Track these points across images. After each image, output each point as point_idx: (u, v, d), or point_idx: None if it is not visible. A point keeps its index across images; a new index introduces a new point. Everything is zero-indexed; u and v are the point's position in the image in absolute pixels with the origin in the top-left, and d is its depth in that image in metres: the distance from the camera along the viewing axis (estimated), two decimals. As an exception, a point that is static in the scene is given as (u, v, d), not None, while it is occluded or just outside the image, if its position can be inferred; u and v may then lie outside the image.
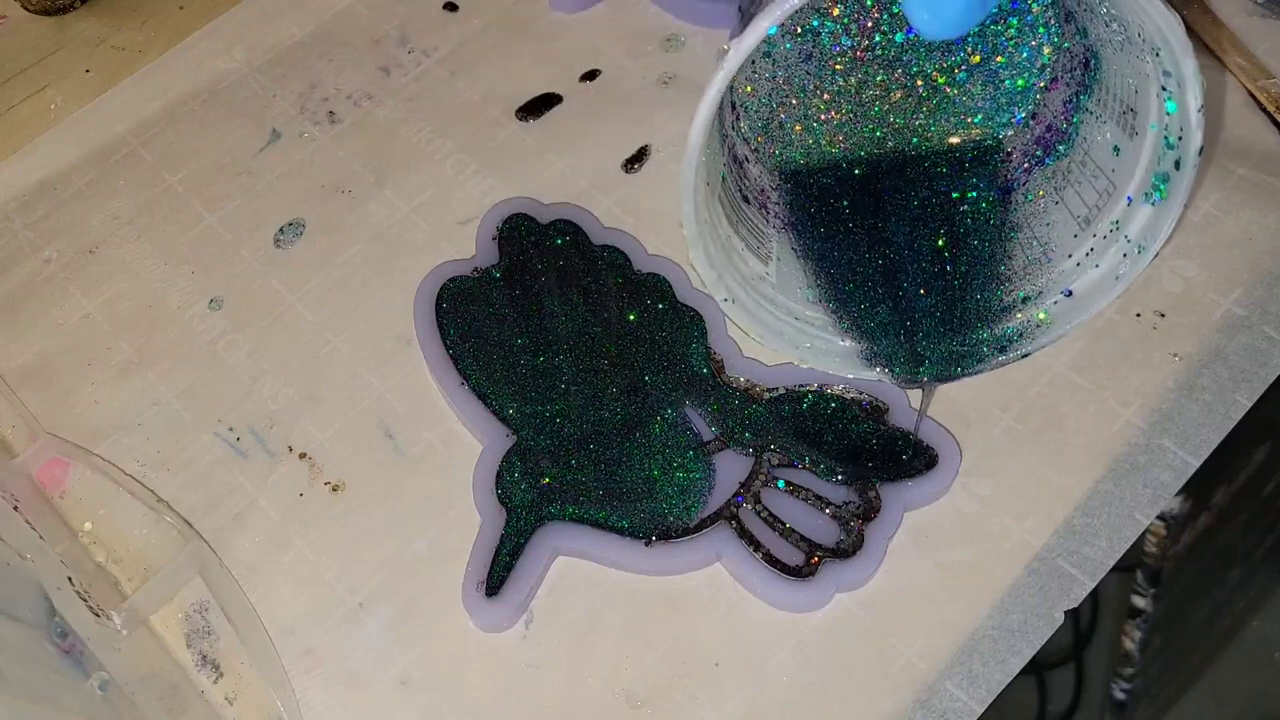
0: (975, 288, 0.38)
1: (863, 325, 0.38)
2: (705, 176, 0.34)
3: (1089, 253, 0.37)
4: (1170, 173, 0.34)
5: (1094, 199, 0.37)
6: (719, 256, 0.36)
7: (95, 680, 0.36)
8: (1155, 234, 0.35)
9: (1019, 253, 0.38)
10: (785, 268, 0.39)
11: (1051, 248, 0.38)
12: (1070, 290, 0.37)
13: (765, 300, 0.38)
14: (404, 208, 0.45)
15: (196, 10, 0.52)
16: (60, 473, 0.40)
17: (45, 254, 0.46)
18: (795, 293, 0.39)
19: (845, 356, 0.38)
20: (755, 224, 0.39)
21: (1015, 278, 0.38)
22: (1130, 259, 0.36)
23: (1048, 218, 0.38)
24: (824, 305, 0.39)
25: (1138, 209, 0.36)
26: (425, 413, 0.41)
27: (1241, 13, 0.46)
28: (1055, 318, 0.38)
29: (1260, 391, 0.39)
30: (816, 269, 0.39)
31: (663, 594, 0.37)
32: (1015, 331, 0.38)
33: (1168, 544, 0.50)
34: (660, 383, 0.39)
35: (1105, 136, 0.36)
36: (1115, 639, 0.59)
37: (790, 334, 0.38)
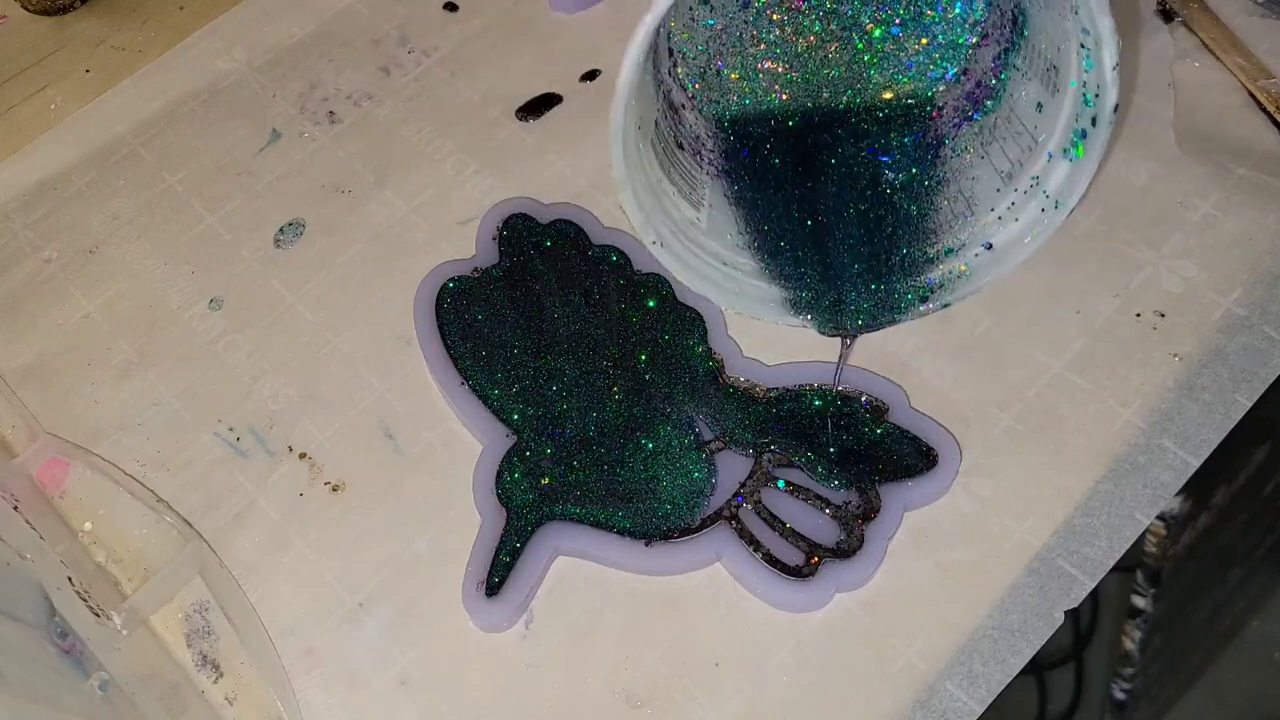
0: (901, 239, 0.39)
1: (791, 273, 0.39)
2: (637, 120, 0.35)
3: (1010, 207, 0.38)
4: (1088, 129, 0.35)
5: (1017, 154, 0.37)
6: (649, 200, 0.36)
7: (95, 680, 0.36)
8: (1072, 190, 0.36)
9: (945, 206, 0.39)
10: (717, 214, 0.39)
11: (975, 202, 0.38)
12: (990, 243, 0.38)
13: (694, 245, 0.38)
14: (404, 208, 0.45)
15: (196, 10, 0.52)
16: (60, 473, 0.40)
17: (45, 254, 0.46)
18: (725, 238, 0.39)
19: (772, 303, 0.39)
20: (689, 170, 0.39)
21: (940, 231, 0.39)
22: (1048, 214, 0.37)
23: (973, 173, 0.39)
24: (753, 252, 0.39)
25: (1057, 165, 0.36)
26: (425, 413, 0.41)
27: (1241, 13, 0.46)
28: (975, 270, 0.38)
29: (1260, 391, 0.39)
30: (748, 216, 0.39)
31: (663, 594, 0.37)
32: (937, 282, 0.38)
33: (1168, 544, 0.50)
34: (661, 383, 0.39)
35: (1030, 93, 0.37)
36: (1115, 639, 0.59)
37: (717, 279, 0.38)
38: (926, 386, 0.40)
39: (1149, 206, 0.43)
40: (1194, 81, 0.45)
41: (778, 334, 0.41)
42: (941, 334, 0.41)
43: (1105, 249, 0.42)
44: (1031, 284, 0.41)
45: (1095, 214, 0.43)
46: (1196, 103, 0.45)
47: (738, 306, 0.38)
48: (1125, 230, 0.42)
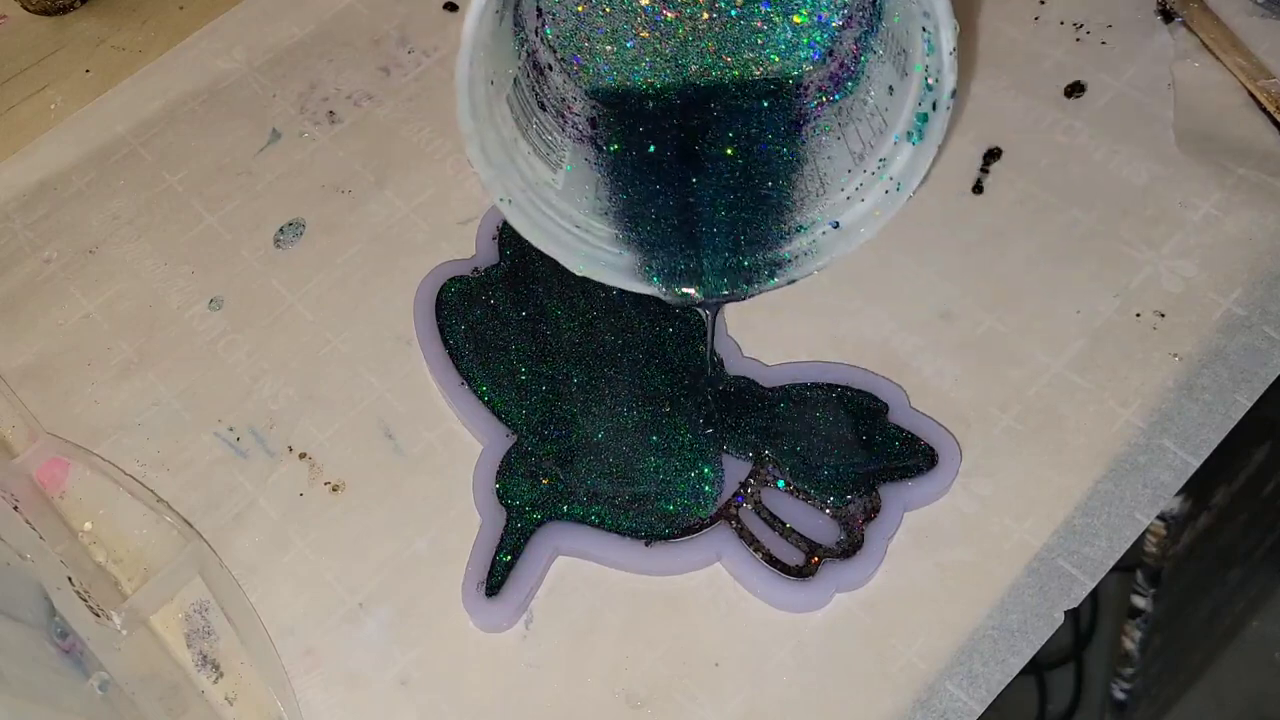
0: (760, 215, 0.39)
1: (648, 240, 0.39)
2: (488, 74, 0.35)
3: (858, 187, 0.38)
4: (929, 114, 0.35)
5: (869, 136, 0.38)
6: (500, 157, 0.36)
7: (95, 680, 0.36)
8: (913, 172, 0.36)
9: (800, 184, 0.39)
10: (575, 177, 0.39)
11: (828, 180, 0.39)
12: (838, 222, 0.38)
13: (547, 206, 0.38)
14: (404, 208, 0.45)
15: (196, 10, 0.52)
16: (60, 473, 0.40)
17: (45, 254, 0.46)
18: (581, 202, 0.39)
19: (623, 269, 0.38)
20: (549, 131, 0.39)
21: (794, 208, 0.39)
22: (891, 195, 0.37)
23: (828, 152, 0.39)
24: (612, 218, 0.39)
25: (902, 148, 0.36)
26: (425, 413, 0.41)
27: (1241, 12, 0.46)
28: (822, 247, 0.38)
29: (1260, 391, 0.39)
30: (611, 183, 0.39)
31: (663, 594, 0.37)
32: (787, 257, 0.38)
33: (1168, 544, 0.50)
34: (661, 383, 0.39)
35: (884, 76, 0.37)
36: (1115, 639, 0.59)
37: (569, 241, 0.38)
38: (926, 386, 0.40)
39: (1149, 206, 0.43)
40: (1194, 81, 0.45)
41: (778, 334, 0.41)
42: (942, 334, 0.41)
43: (1105, 249, 0.42)
44: (1032, 284, 0.41)
45: (1095, 214, 0.43)
46: (1197, 103, 0.45)
47: (589, 270, 0.38)
48: (1125, 230, 0.42)
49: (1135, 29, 0.47)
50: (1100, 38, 0.47)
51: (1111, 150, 0.44)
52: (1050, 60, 0.46)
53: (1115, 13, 0.47)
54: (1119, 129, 0.44)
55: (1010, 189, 0.44)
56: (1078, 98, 0.45)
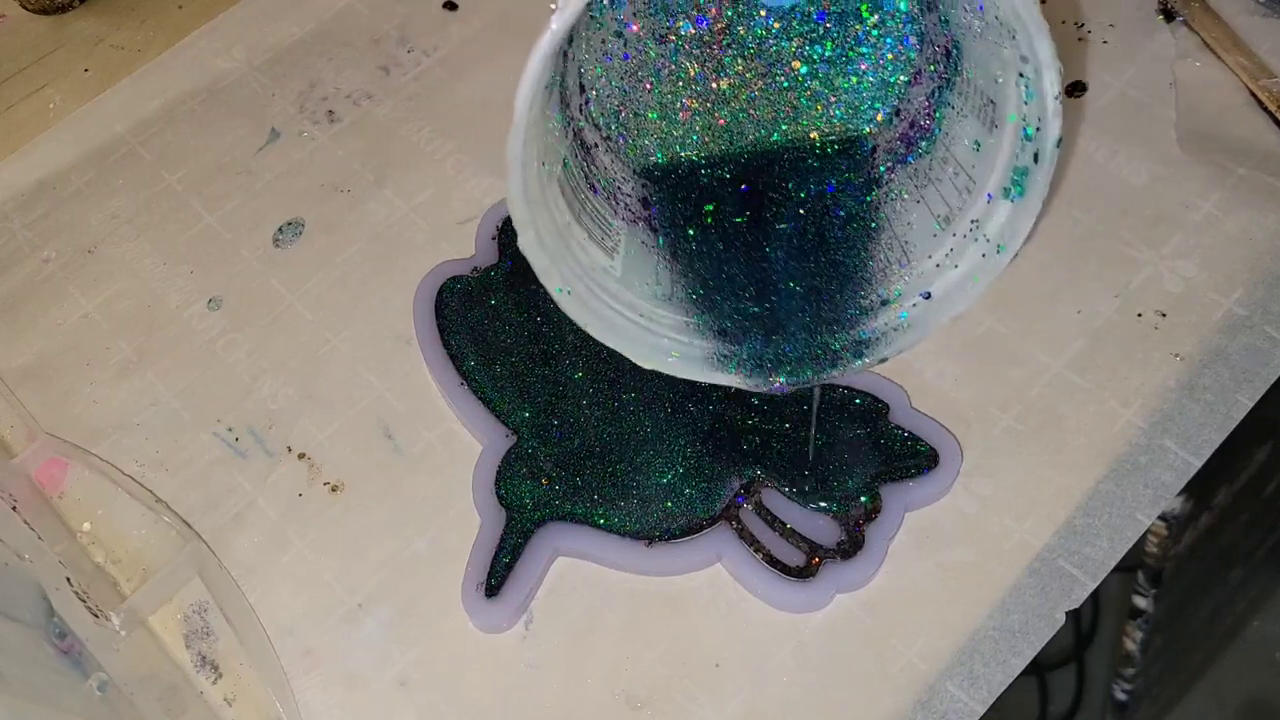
0: (835, 290, 0.37)
1: (721, 326, 0.36)
2: (539, 155, 0.33)
3: (948, 253, 0.36)
4: (1029, 167, 0.33)
5: (955, 197, 0.35)
6: (554, 243, 0.34)
7: (94, 681, 0.36)
8: (1014, 232, 0.34)
9: (879, 254, 0.37)
10: (633, 262, 0.37)
11: (911, 248, 0.36)
12: (929, 292, 0.36)
13: (606, 294, 0.36)
14: (403, 207, 0.45)
15: (196, 9, 0.52)
16: (59, 473, 0.40)
17: (44, 253, 0.45)
18: (643, 289, 0.37)
19: (695, 360, 0.36)
20: (601, 214, 0.37)
21: (875, 280, 0.37)
22: (989, 259, 0.35)
23: (908, 217, 0.37)
24: (676, 304, 0.37)
25: (997, 206, 0.34)
26: (425, 413, 0.41)
27: (1243, 12, 0.46)
28: (914, 321, 0.36)
29: (1262, 391, 0.39)
30: (672, 266, 0.37)
31: (663, 594, 0.37)
32: (873, 335, 0.36)
33: (1169, 544, 0.50)
34: (661, 383, 0.39)
35: (967, 131, 0.35)
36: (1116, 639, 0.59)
37: (633, 332, 0.36)
38: (927, 386, 0.39)
39: (1150, 206, 0.42)
40: (1195, 81, 0.45)
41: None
42: (943, 334, 0.40)
43: (1106, 249, 0.42)
44: (1032, 284, 0.41)
45: (1096, 214, 0.42)
46: (1198, 102, 0.45)
47: (653, 362, 0.36)
48: (1126, 230, 0.42)
49: (1136, 28, 0.47)
50: (1101, 37, 0.47)
51: (1112, 150, 0.44)
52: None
53: (1116, 12, 0.47)
54: (1120, 129, 0.44)
55: (1011, 188, 0.43)
56: (1078, 97, 0.45)
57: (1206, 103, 0.45)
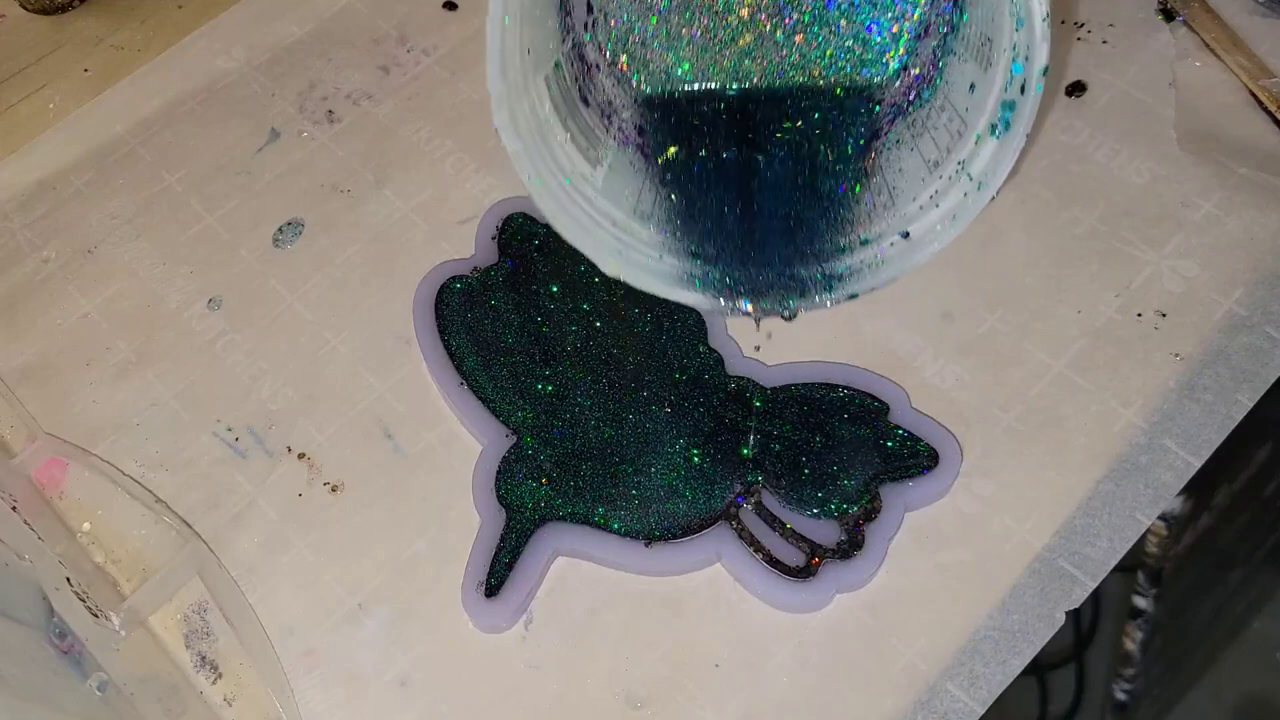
0: (817, 226, 0.36)
1: (700, 249, 0.36)
2: (525, 42, 0.32)
3: (933, 195, 0.35)
4: (1015, 100, 0.32)
5: (947, 141, 0.35)
6: (531, 134, 0.33)
7: (94, 681, 0.36)
8: (996, 169, 0.33)
9: (866, 197, 0.37)
10: (617, 179, 0.36)
11: (899, 192, 0.36)
12: (908, 232, 0.35)
13: (580, 196, 0.35)
14: (403, 207, 0.45)
15: (195, 9, 0.52)
16: (59, 473, 0.40)
17: (44, 254, 0.45)
18: (622, 203, 0.36)
19: (661, 275, 0.36)
20: (590, 127, 0.36)
21: (858, 221, 0.36)
22: (970, 198, 0.34)
23: (900, 164, 0.36)
24: (656, 224, 0.36)
25: (984, 145, 0.34)
26: (425, 413, 0.41)
27: (1243, 11, 0.46)
28: (889, 259, 0.36)
29: (1262, 392, 0.39)
30: (658, 189, 0.37)
31: (663, 595, 0.37)
32: (846, 270, 0.36)
33: (1169, 544, 0.50)
34: (661, 383, 0.39)
35: (965, 75, 0.35)
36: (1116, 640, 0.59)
37: (603, 238, 0.35)
38: (927, 386, 0.39)
39: (1150, 206, 0.42)
40: (1195, 81, 0.45)
41: (779, 334, 0.41)
42: (943, 334, 0.41)
43: (1106, 249, 0.42)
44: (1033, 284, 0.41)
45: (1096, 213, 0.42)
46: (1198, 102, 0.45)
47: (623, 273, 0.35)
48: (1127, 230, 0.42)
49: (1137, 28, 0.47)
50: (1101, 37, 0.47)
51: (1113, 150, 0.44)
52: (1052, 59, 0.46)
53: (1117, 12, 0.47)
54: (1120, 128, 0.44)
55: (1011, 188, 0.43)
56: (1079, 97, 0.45)
57: (1207, 102, 0.45)
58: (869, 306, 0.41)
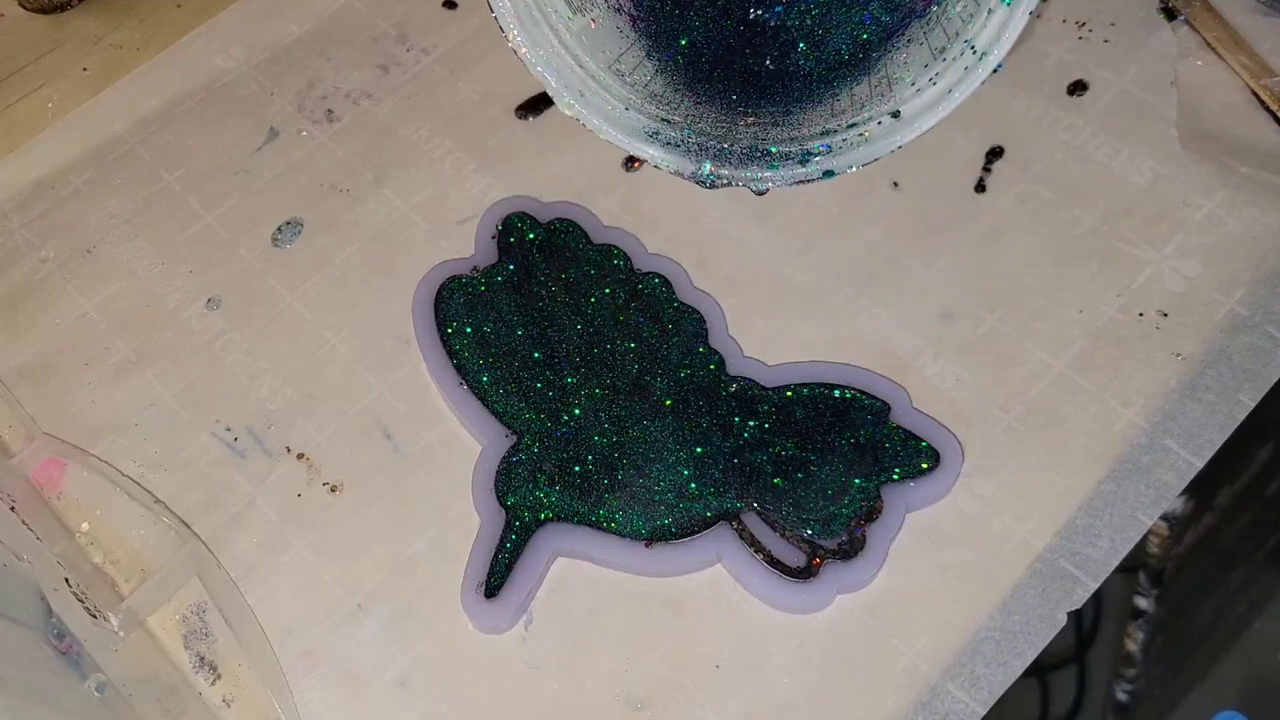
0: (809, 114, 0.35)
1: (682, 111, 0.35)
2: None
3: (932, 76, 0.34)
4: None
5: (956, 27, 0.34)
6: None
7: (92, 682, 0.35)
8: (1002, 35, 0.32)
9: (864, 90, 0.35)
10: (603, 35, 0.35)
11: (898, 80, 0.35)
12: (899, 111, 0.34)
13: (556, 37, 0.34)
14: (403, 206, 0.45)
15: (194, 8, 0.52)
16: (57, 473, 0.40)
17: (42, 253, 0.45)
18: (599, 56, 0.35)
19: (623, 126, 0.35)
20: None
21: (850, 111, 0.35)
22: (970, 70, 0.33)
23: (904, 56, 0.35)
24: (630, 84, 0.35)
25: (993, 16, 0.33)
26: (424, 413, 0.40)
27: (1244, 11, 0.46)
28: (874, 138, 0.35)
29: (1264, 391, 0.39)
30: (643, 60, 0.36)
31: (663, 595, 0.37)
32: (825, 146, 0.35)
33: (1171, 545, 0.50)
34: (661, 383, 0.39)
35: None
36: (1118, 640, 0.59)
37: (568, 75, 0.34)
38: (928, 386, 0.39)
39: (1152, 205, 0.42)
40: (1197, 80, 0.45)
41: (779, 334, 0.41)
42: (943, 333, 0.40)
43: (1107, 248, 0.42)
44: (1033, 283, 0.41)
45: (1098, 213, 0.42)
46: (1199, 101, 0.44)
47: (582, 116, 0.34)
48: (1128, 229, 0.42)
49: (1138, 27, 0.47)
50: (1103, 36, 0.47)
51: (1114, 149, 0.44)
52: (1052, 58, 0.46)
53: (1118, 11, 0.47)
54: (1121, 127, 0.44)
55: (1012, 188, 0.43)
56: (1080, 96, 0.45)
57: (1208, 102, 0.44)
58: (869, 306, 0.41)
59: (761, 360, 0.40)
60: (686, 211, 0.43)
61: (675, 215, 0.43)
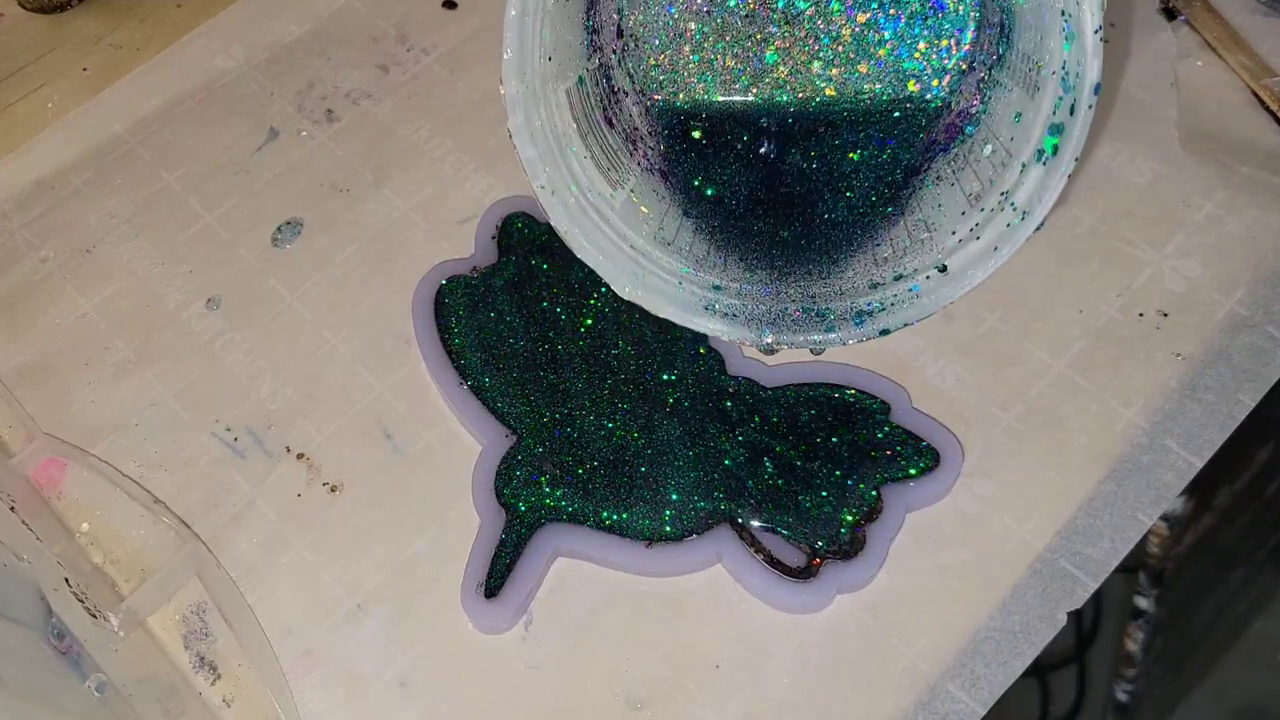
0: (851, 266, 0.36)
1: (724, 283, 0.35)
2: (546, 46, 0.31)
3: (973, 227, 0.34)
4: (1065, 122, 0.31)
5: (990, 174, 0.34)
6: (548, 144, 0.32)
7: (92, 682, 0.35)
8: (1042, 196, 0.32)
9: (901, 234, 0.35)
10: (639, 205, 0.35)
11: (936, 227, 0.35)
12: (945, 265, 0.34)
13: (597, 214, 0.34)
14: (403, 206, 0.45)
15: (194, 8, 0.52)
16: (57, 473, 0.40)
17: (42, 253, 0.45)
18: (642, 229, 0.35)
19: (680, 303, 0.35)
20: (614, 150, 0.35)
21: (893, 258, 0.35)
22: (1013, 227, 0.33)
23: (939, 200, 0.35)
24: (678, 251, 0.35)
25: (1029, 172, 0.32)
26: (424, 413, 0.40)
27: (1244, 11, 0.46)
28: (924, 293, 0.35)
29: (1264, 392, 0.39)
30: (682, 220, 0.36)
31: (663, 595, 0.37)
32: (878, 305, 0.35)
33: (1170, 545, 0.50)
34: (662, 383, 0.39)
35: (1010, 104, 0.33)
36: (1118, 640, 0.59)
37: (620, 259, 0.34)
38: (928, 386, 0.39)
39: (1152, 206, 0.42)
40: (1197, 80, 0.45)
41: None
42: (943, 334, 0.40)
43: (1108, 248, 0.42)
44: (1034, 283, 0.41)
45: (1098, 213, 0.42)
46: (1200, 102, 0.44)
47: (639, 297, 0.34)
48: (1128, 230, 0.42)
49: (1138, 27, 0.47)
50: (1103, 35, 0.46)
51: (1114, 149, 0.44)
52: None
53: (1118, 11, 0.47)
54: (1122, 128, 0.44)
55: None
56: (1080, 96, 0.45)
57: (1208, 102, 0.45)
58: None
59: (761, 360, 0.40)
60: (686, 211, 0.43)
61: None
